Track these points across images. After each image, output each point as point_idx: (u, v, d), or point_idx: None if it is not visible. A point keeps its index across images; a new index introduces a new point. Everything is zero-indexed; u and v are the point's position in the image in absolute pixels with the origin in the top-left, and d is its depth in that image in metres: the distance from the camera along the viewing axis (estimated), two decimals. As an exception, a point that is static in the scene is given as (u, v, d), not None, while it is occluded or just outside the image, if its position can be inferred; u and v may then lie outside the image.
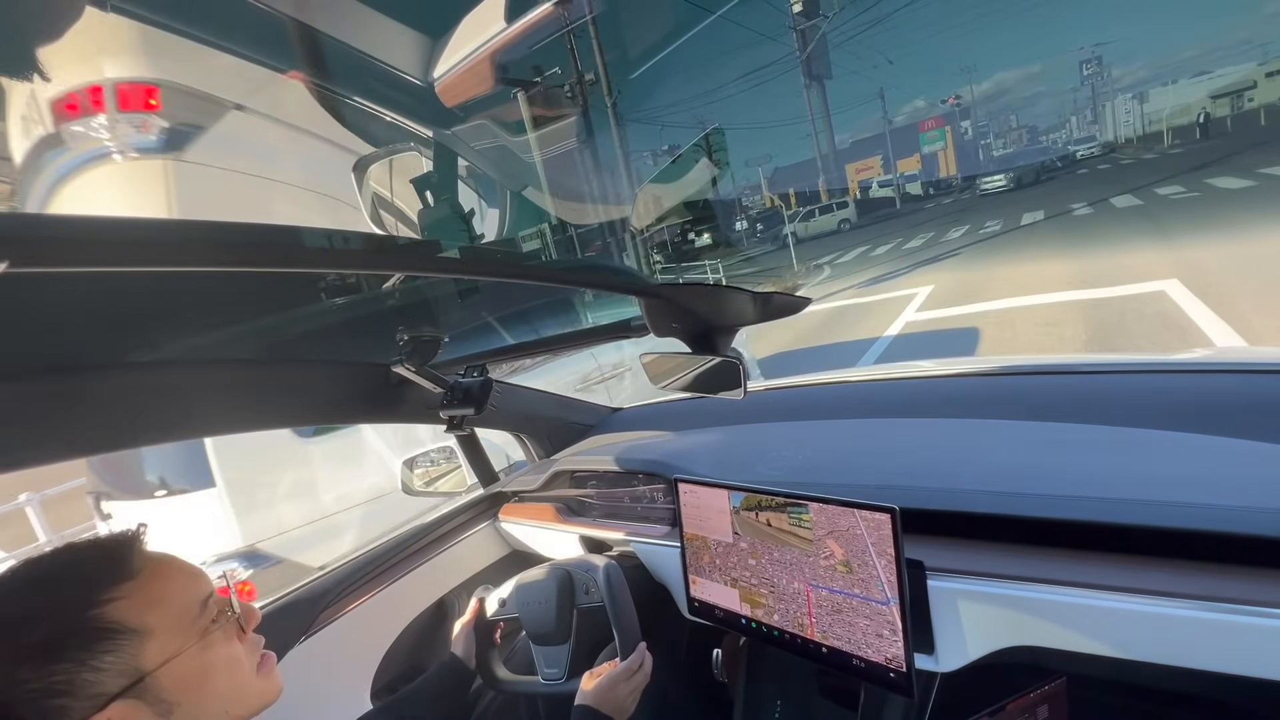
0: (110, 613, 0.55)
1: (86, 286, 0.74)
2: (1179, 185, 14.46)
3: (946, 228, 17.78)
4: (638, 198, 2.24)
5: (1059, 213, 14.86)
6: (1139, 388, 1.15)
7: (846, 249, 18.66)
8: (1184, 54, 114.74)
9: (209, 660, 0.60)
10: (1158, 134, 35.20)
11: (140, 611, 0.56)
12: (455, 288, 1.71)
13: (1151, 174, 18.29)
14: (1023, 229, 13.83)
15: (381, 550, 1.31)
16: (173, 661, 0.57)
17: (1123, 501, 0.79)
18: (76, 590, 0.55)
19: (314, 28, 0.90)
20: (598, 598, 1.06)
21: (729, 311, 1.07)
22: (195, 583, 0.62)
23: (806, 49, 27.44)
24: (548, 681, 1.08)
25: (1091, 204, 15.13)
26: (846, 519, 0.84)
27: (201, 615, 0.61)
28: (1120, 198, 14.82)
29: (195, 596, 0.61)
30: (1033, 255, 10.12)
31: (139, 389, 0.93)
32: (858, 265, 14.50)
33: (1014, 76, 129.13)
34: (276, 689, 0.67)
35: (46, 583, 0.56)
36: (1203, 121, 30.72)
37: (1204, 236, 8.12)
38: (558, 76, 1.66)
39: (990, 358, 1.48)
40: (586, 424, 1.76)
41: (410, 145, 1.47)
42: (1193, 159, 19.86)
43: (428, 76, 1.28)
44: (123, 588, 0.56)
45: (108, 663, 0.53)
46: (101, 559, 0.58)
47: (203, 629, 0.60)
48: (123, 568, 0.58)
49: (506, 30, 1.06)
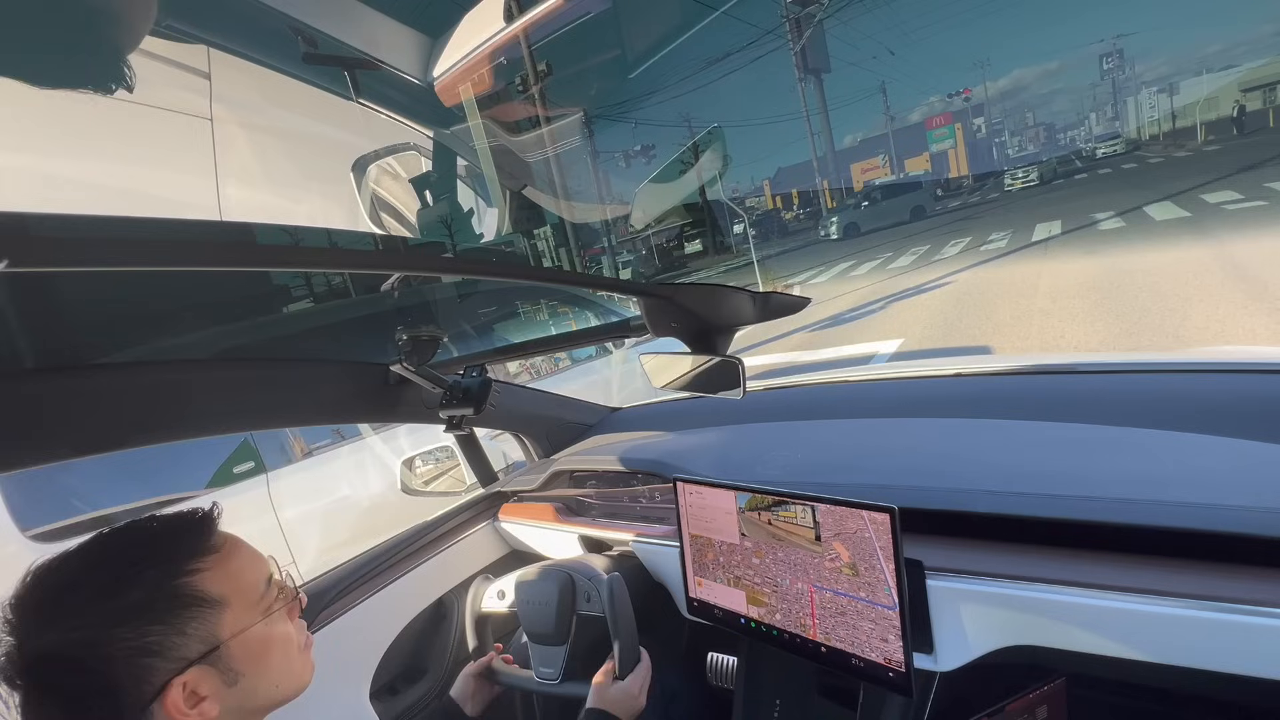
0: (197, 582, 0.58)
1: (86, 286, 0.74)
2: (1233, 190, 11.29)
3: (944, 240, 14.39)
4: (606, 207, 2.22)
5: (1080, 225, 11.71)
6: (1139, 388, 1.15)
7: (830, 263, 15.40)
8: (1209, 48, 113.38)
9: (270, 636, 0.63)
10: (1188, 129, 30.92)
11: (220, 583, 0.60)
12: (455, 288, 1.71)
13: (1191, 175, 14.91)
14: (1035, 247, 10.71)
15: (381, 550, 1.31)
16: (243, 634, 0.60)
17: (1123, 501, 0.79)
18: (169, 558, 0.58)
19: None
20: (599, 607, 1.05)
21: (728, 311, 1.07)
22: (261, 563, 0.66)
23: (801, 39, 26.70)
24: (542, 680, 1.08)
25: (1121, 214, 11.81)
26: (854, 521, 0.84)
27: (266, 593, 0.65)
28: (1157, 206, 11.56)
29: (262, 575, 0.65)
30: (1047, 291, 7.01)
31: (139, 388, 0.93)
32: (832, 288, 11.30)
33: (1030, 73, 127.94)
34: (313, 670, 0.71)
35: (140, 548, 0.59)
36: (1238, 115, 26.43)
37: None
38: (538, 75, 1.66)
39: (990, 358, 1.48)
40: (586, 424, 1.76)
41: (410, 145, 1.47)
42: (1238, 157, 16.34)
43: (427, 77, 1.28)
44: (207, 559, 0.60)
45: (192, 629, 0.57)
46: (188, 531, 0.62)
47: (267, 606, 0.64)
48: (206, 541, 0.62)
49: (507, 29, 1.06)
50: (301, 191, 1.37)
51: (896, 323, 7.30)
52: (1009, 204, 20.59)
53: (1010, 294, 7.31)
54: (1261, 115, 26.98)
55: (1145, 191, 14.06)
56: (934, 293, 8.48)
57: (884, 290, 9.45)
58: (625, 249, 18.00)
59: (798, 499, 0.90)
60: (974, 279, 8.94)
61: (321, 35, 1.01)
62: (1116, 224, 10.93)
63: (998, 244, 11.98)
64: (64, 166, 0.95)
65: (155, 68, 1.03)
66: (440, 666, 1.37)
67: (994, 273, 9.12)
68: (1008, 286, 7.78)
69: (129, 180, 1.06)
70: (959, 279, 9.11)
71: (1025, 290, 7.23)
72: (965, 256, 11.33)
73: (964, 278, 9.15)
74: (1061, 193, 19.76)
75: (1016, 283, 7.85)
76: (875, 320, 7.69)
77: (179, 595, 0.57)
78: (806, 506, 0.89)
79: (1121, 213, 11.87)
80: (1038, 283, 7.48)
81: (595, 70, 1.69)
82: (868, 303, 8.78)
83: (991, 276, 8.84)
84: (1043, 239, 11.23)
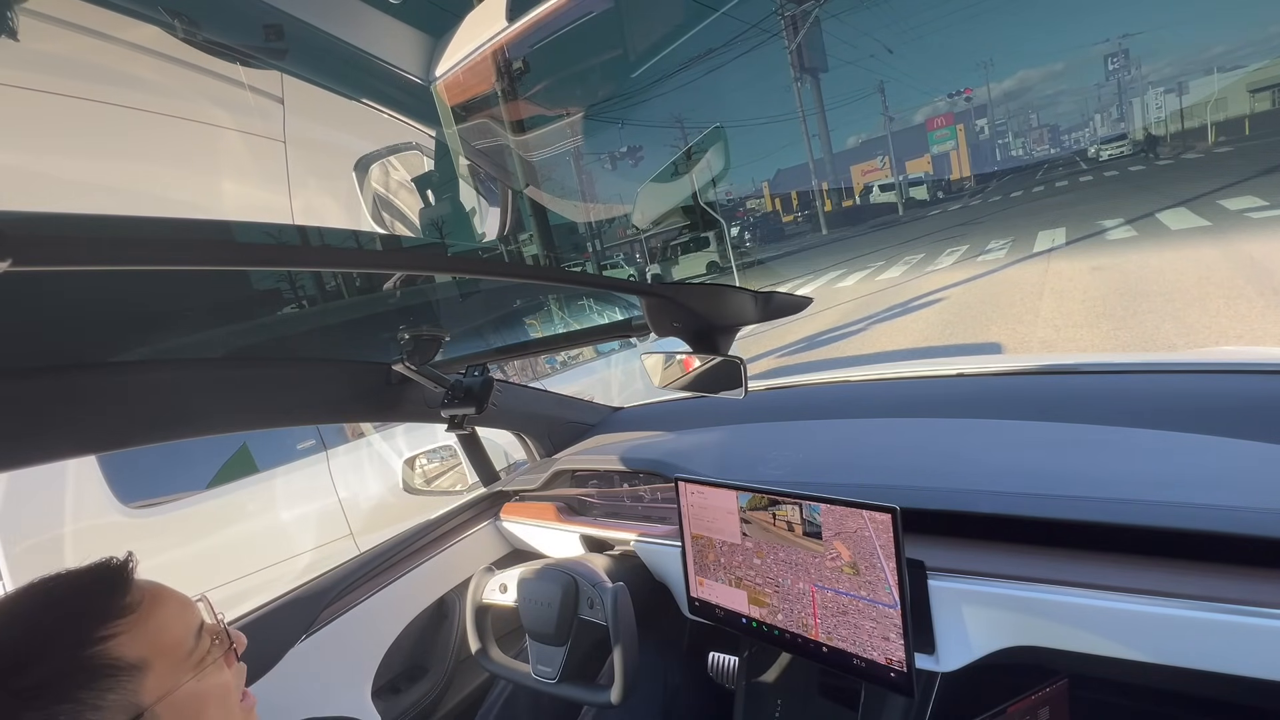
0: (111, 649, 0.53)
1: (87, 285, 0.74)
2: (1256, 197, 10.30)
3: (940, 248, 13.41)
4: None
5: (1087, 234, 10.56)
6: (1139, 388, 1.15)
7: (819, 270, 14.41)
8: (1214, 49, 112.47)
9: (203, 691, 0.59)
10: (1198, 130, 30.59)
11: (139, 646, 0.55)
12: (457, 287, 1.71)
13: (1205, 179, 13.79)
14: (1037, 258, 9.56)
15: (383, 549, 1.32)
16: (171, 695, 0.55)
17: (1123, 501, 0.79)
18: (76, 627, 0.53)
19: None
20: (601, 615, 1.05)
21: (730, 311, 1.07)
22: (189, 612, 0.61)
23: (798, 36, 26.30)
24: (539, 678, 1.08)
25: (1131, 222, 10.67)
26: (855, 520, 0.84)
27: (196, 646, 0.59)
28: (1171, 213, 10.50)
29: (190, 627, 0.60)
30: (1049, 317, 6.14)
31: (139, 388, 0.93)
32: (819, 297, 10.14)
33: (1034, 74, 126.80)
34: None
35: (43, 618, 0.54)
36: (1251, 115, 26.85)
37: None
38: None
39: (992, 357, 1.48)
40: (587, 423, 1.76)
41: (411, 144, 1.47)
42: (1255, 159, 15.37)
43: (428, 77, 1.29)
44: (121, 623, 0.55)
45: (109, 700, 0.52)
46: (97, 592, 0.56)
47: (198, 660, 0.59)
48: (119, 601, 0.56)
49: (509, 30, 1.07)
50: (300, 189, 1.37)
51: (890, 337, 6.66)
52: (1008, 208, 19.67)
53: (1007, 318, 6.52)
54: (1269, 117, 26.30)
55: (1156, 196, 13.04)
56: (920, 313, 7.60)
57: (866, 309, 8.55)
58: (612, 253, 17.74)
59: (799, 499, 0.90)
60: (966, 296, 7.98)
61: (323, 35, 1.02)
62: (1127, 233, 9.87)
63: (996, 254, 10.95)
64: (65, 166, 0.95)
65: (156, 68, 1.03)
66: (442, 665, 1.37)
67: (989, 290, 8.14)
68: (1004, 310, 6.90)
69: (131, 181, 1.06)
70: (950, 295, 8.25)
71: (1024, 315, 6.44)
72: (960, 268, 10.26)
73: (956, 294, 8.21)
74: (1065, 196, 18.89)
75: (1015, 305, 6.95)
76: (849, 347, 6.84)
77: (90, 667, 0.51)
78: (808, 506, 0.89)
79: (1132, 220, 10.86)
80: (1039, 305, 6.67)
81: (594, 71, 1.69)
82: (839, 326, 7.89)
83: (986, 295, 7.87)
84: (1045, 249, 10.23)
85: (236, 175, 1.26)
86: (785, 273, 16.10)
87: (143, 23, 0.96)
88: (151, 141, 1.10)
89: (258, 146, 1.29)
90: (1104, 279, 7.15)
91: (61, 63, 0.88)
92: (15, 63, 0.83)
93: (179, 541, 2.44)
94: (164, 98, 1.07)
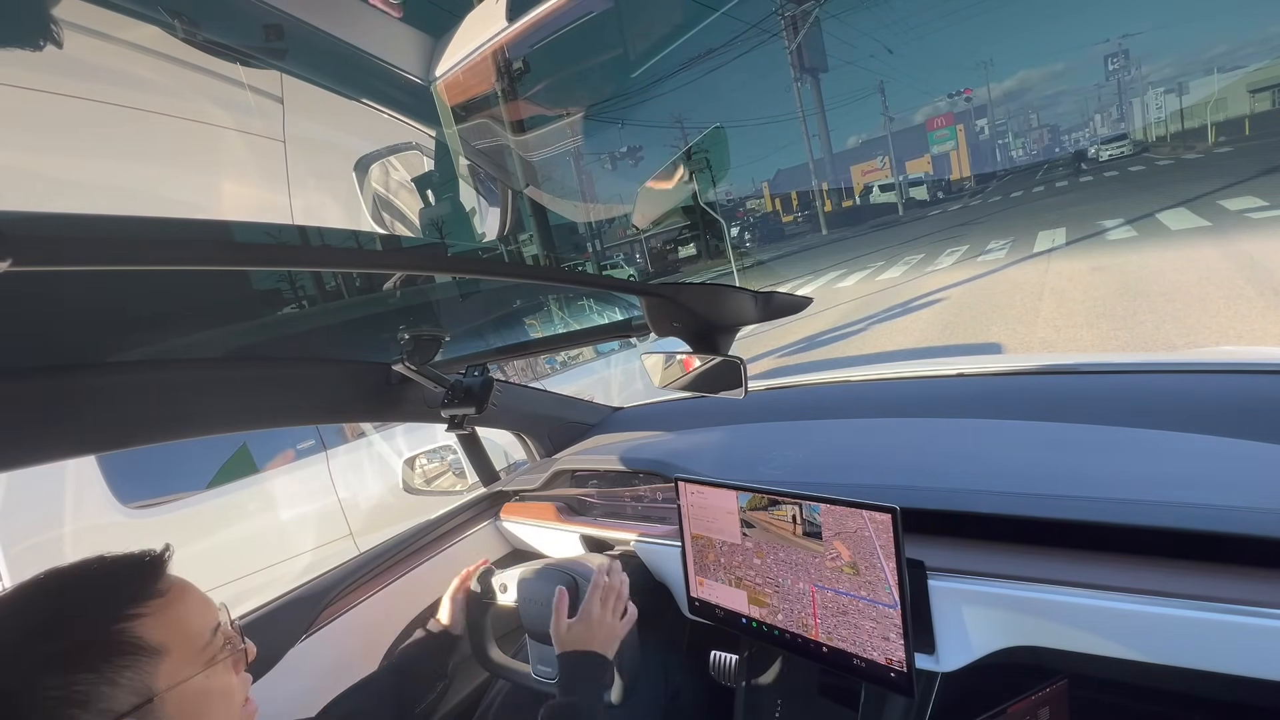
0: (134, 628, 0.55)
1: (87, 285, 0.74)
2: (1256, 197, 10.31)
3: (940, 248, 13.33)
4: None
5: (1087, 234, 10.58)
6: (1139, 388, 1.15)
7: (819, 270, 14.27)
8: (1214, 50, 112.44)
9: (210, 689, 0.60)
10: (1198, 130, 30.69)
11: (161, 630, 0.56)
12: (457, 287, 1.71)
13: (1205, 179, 13.80)
14: (1037, 258, 9.54)
15: (383, 549, 1.32)
16: (180, 686, 0.57)
17: (1125, 502, 0.79)
18: (105, 602, 0.56)
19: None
20: None
21: (730, 311, 1.07)
22: (209, 610, 0.63)
23: (798, 37, 26.27)
24: (539, 678, 1.08)
25: (1131, 222, 10.65)
26: (855, 520, 0.84)
27: (210, 644, 0.61)
28: (1172, 213, 10.48)
29: (208, 624, 0.62)
30: (1049, 317, 6.13)
31: (139, 388, 0.93)
32: (819, 298, 10.13)
33: (1034, 74, 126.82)
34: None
35: (77, 591, 0.56)
36: (1251, 115, 26.76)
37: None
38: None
39: (992, 357, 1.48)
40: (587, 423, 1.76)
41: (411, 144, 1.47)
42: (1255, 159, 15.30)
43: (428, 77, 1.29)
44: (148, 605, 0.57)
45: (125, 679, 0.53)
46: (131, 574, 0.59)
47: (209, 657, 0.60)
48: (150, 585, 0.58)
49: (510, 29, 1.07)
50: (299, 189, 1.37)
51: (874, 350, 6.55)
52: (1008, 208, 19.58)
53: (1007, 319, 6.54)
54: (1268, 117, 26.21)
55: (1156, 196, 13.02)
56: (920, 313, 7.63)
57: (866, 309, 8.55)
58: (613, 253, 17.73)
59: (799, 499, 0.90)
60: (966, 296, 8.01)
61: (323, 35, 1.01)
62: (1127, 233, 9.86)
63: (996, 254, 10.93)
64: (65, 166, 0.95)
65: (156, 68, 1.03)
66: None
67: (989, 290, 8.14)
68: (1004, 310, 6.92)
69: (131, 180, 1.06)
70: (950, 295, 8.27)
71: (1025, 316, 6.48)
72: (961, 269, 10.27)
73: (956, 295, 8.24)
74: (1065, 196, 18.82)
75: (1015, 305, 6.99)
76: (848, 348, 6.87)
77: (114, 642, 0.54)
78: (808, 506, 0.89)
79: (1132, 220, 10.83)
80: (1039, 306, 6.70)
81: (595, 71, 1.69)
82: (839, 326, 7.89)
83: (986, 295, 7.90)
84: (1045, 249, 10.20)
85: (236, 175, 1.26)
86: (785, 273, 16.20)
87: (143, 23, 0.96)
88: (151, 141, 1.11)
89: (257, 146, 1.29)
90: (1104, 279, 7.18)
91: (61, 62, 0.88)
92: (15, 62, 0.83)
93: (179, 542, 2.41)
94: (164, 98, 1.07)
